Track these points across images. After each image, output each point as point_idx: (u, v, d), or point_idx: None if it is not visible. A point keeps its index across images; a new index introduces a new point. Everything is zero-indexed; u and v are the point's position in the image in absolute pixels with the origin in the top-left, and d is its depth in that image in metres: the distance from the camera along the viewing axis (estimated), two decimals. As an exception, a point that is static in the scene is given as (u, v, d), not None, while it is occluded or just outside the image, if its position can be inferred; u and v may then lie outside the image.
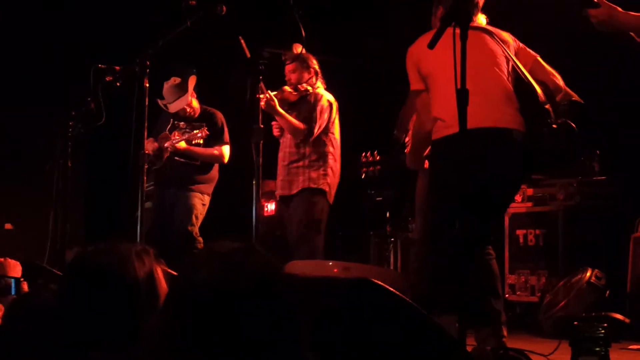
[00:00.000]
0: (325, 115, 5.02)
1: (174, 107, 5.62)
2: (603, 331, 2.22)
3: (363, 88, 6.68)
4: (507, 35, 3.87)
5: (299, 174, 5.01)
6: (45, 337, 1.71)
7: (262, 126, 3.90)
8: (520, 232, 5.38)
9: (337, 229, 6.21)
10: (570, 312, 4.59)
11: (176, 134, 5.58)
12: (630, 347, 3.98)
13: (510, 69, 3.76)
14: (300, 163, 5.02)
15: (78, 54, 6.51)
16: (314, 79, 5.10)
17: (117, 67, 4.45)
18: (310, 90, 5.07)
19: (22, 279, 2.96)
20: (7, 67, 6.69)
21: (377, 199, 6.35)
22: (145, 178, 4.22)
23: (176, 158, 5.59)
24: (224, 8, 4.05)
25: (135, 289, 1.66)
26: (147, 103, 4.31)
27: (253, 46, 4.19)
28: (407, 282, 3.30)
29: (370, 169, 4.46)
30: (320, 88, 5.11)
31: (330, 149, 5.04)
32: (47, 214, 5.09)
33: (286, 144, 5.13)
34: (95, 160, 7.27)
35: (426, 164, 3.94)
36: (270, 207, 6.54)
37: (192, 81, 5.57)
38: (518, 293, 5.29)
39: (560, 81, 3.94)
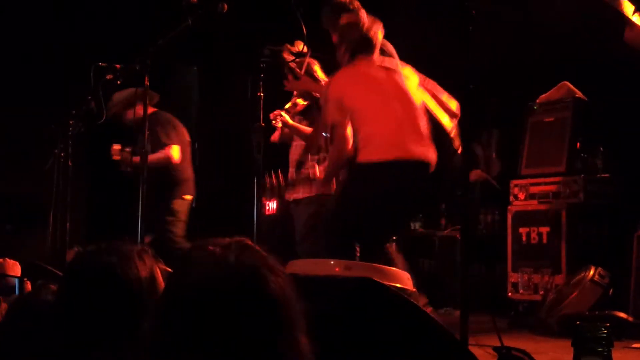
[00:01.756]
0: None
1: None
2: (606, 331, 2.20)
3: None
4: (408, 71, 4.21)
5: (305, 181, 4.96)
6: (46, 336, 1.70)
7: (263, 124, 3.89)
8: (523, 230, 5.36)
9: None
10: (574, 311, 4.57)
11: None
12: (633, 345, 3.96)
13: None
14: (309, 171, 4.96)
15: (78, 52, 6.50)
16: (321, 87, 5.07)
17: (118, 66, 4.44)
18: (312, 100, 5.01)
19: (25, 279, 2.95)
20: (7, 66, 6.68)
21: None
22: (146, 177, 4.21)
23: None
24: (225, 6, 4.04)
25: (137, 289, 1.65)
26: (147, 102, 4.30)
27: (254, 44, 4.17)
28: (410, 281, 3.28)
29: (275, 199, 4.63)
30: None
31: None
32: (47, 213, 5.08)
33: (296, 150, 5.10)
34: (95, 159, 7.26)
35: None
36: (272, 205, 6.53)
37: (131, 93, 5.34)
38: (521, 291, 5.27)
39: (453, 108, 4.25)
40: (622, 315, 4.35)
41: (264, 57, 4.09)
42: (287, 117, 4.91)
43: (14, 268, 2.85)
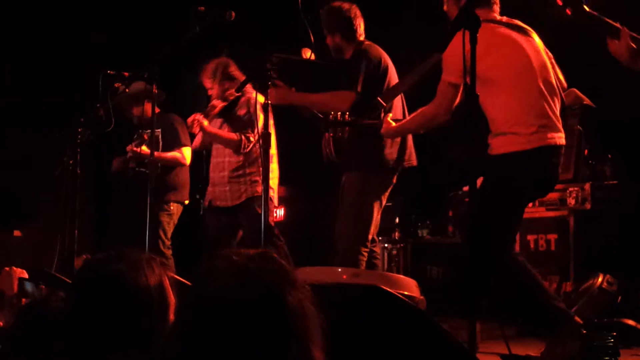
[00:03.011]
0: (261, 118, 4.93)
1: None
2: (612, 340, 2.20)
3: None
4: (535, 35, 3.84)
5: (240, 183, 4.95)
6: (55, 343, 1.70)
7: (269, 132, 3.89)
8: (531, 237, 5.34)
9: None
10: (582, 319, 4.55)
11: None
12: (643, 353, 3.95)
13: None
14: (241, 172, 4.96)
15: (87, 60, 6.52)
16: (235, 84, 4.94)
17: (126, 74, 4.46)
18: (239, 94, 4.97)
19: (41, 284, 2.96)
20: (17, 73, 6.71)
21: (387, 204, 6.33)
22: (153, 185, 4.22)
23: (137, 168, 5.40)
24: (233, 14, 4.05)
25: (146, 297, 1.66)
26: (156, 109, 4.32)
27: (261, 51, 4.18)
28: (417, 289, 3.27)
29: (338, 129, 4.35)
30: (250, 92, 4.96)
31: (270, 150, 4.98)
32: (55, 220, 5.10)
33: (221, 152, 5.04)
34: (104, 166, 7.28)
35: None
36: (280, 212, 6.54)
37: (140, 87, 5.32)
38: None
39: (564, 82, 3.92)
40: (631, 322, 4.32)
41: (272, 65, 4.09)
42: (204, 122, 4.87)
43: (22, 276, 2.85)
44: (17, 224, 6.60)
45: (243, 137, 4.90)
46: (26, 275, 2.82)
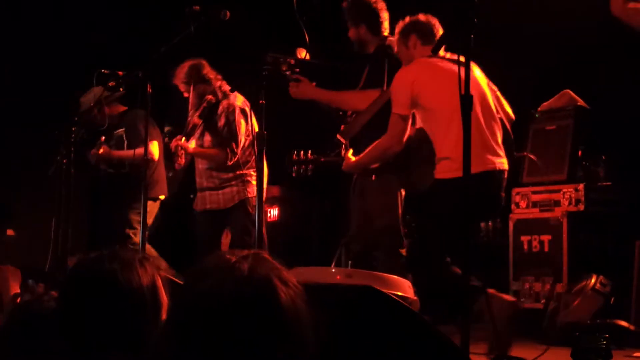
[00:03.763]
0: (242, 126, 4.90)
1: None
2: (605, 342, 2.21)
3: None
4: (475, 68, 4.03)
5: (232, 186, 4.95)
6: (47, 343, 1.70)
7: (265, 132, 3.89)
8: (524, 238, 5.35)
9: (339, 236, 6.19)
10: (575, 319, 4.56)
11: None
12: (635, 354, 3.96)
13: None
14: (231, 174, 4.96)
15: (81, 59, 6.51)
16: (210, 87, 4.95)
17: (120, 73, 4.46)
18: (214, 101, 4.94)
19: (39, 283, 2.95)
20: (11, 72, 6.69)
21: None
22: (147, 184, 4.22)
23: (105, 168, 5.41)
24: (228, 13, 4.05)
25: (139, 296, 1.66)
26: (149, 109, 4.31)
27: (256, 51, 4.18)
28: (411, 289, 3.28)
29: (302, 167, 4.39)
30: (227, 97, 4.95)
31: (251, 153, 4.95)
32: (49, 220, 5.08)
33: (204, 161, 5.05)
34: (97, 166, 7.26)
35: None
36: (274, 212, 6.54)
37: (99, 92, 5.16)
38: (522, 300, 5.26)
39: (511, 114, 4.17)
40: (624, 324, 4.34)
41: (266, 65, 4.09)
42: (189, 147, 4.87)
43: (15, 275, 2.85)
44: (10, 223, 6.58)
45: (228, 149, 4.89)
46: (19, 274, 2.81)
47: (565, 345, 3.92)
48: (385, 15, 4.49)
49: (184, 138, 4.89)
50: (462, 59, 2.89)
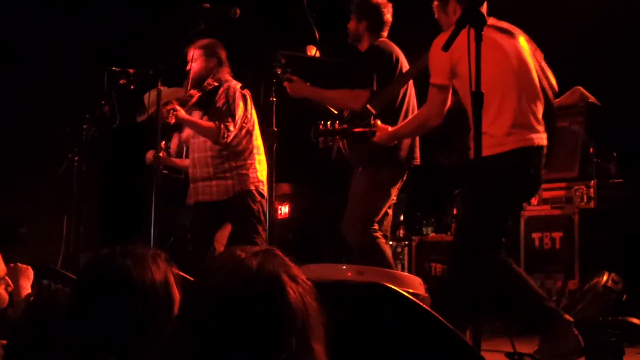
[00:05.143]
0: (241, 108, 4.81)
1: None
2: (617, 338, 2.20)
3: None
4: (522, 38, 3.82)
5: (227, 178, 4.85)
6: (61, 339, 1.71)
7: (275, 129, 3.89)
8: (536, 236, 5.34)
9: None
10: (587, 317, 4.55)
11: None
12: (648, 351, 3.94)
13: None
14: (226, 165, 4.84)
15: (92, 56, 6.53)
16: (218, 69, 4.90)
17: (131, 70, 4.46)
18: (217, 84, 4.86)
19: (58, 284, 2.96)
20: (22, 70, 6.72)
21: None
22: (159, 181, 4.22)
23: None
24: (238, 11, 4.05)
25: (152, 292, 1.66)
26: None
27: (266, 49, 4.18)
28: (422, 286, 3.27)
29: (329, 139, 4.29)
30: (229, 80, 4.89)
31: (255, 142, 4.90)
32: (61, 217, 5.10)
33: (202, 147, 4.91)
34: (109, 163, 7.29)
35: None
36: (284, 209, 6.54)
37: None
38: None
39: (555, 84, 3.90)
40: (636, 321, 4.32)
41: (277, 62, 4.09)
42: (182, 111, 4.71)
43: (27, 272, 2.86)
44: (22, 220, 6.61)
45: (222, 125, 4.71)
46: (31, 272, 2.82)
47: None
48: (388, 19, 4.47)
49: (177, 103, 4.80)
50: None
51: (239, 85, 4.82)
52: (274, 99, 3.92)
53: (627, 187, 5.23)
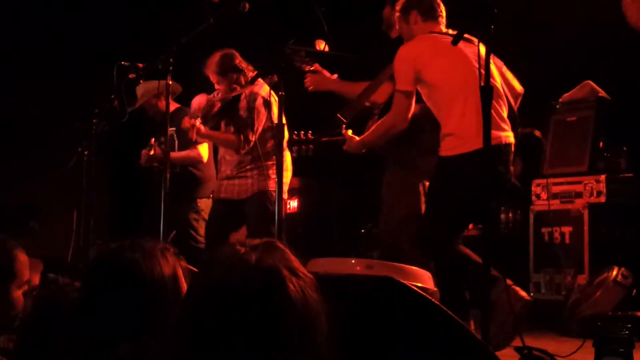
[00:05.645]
0: (262, 115, 4.85)
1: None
2: (627, 332, 2.20)
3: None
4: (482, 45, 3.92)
5: (247, 177, 4.89)
6: (70, 333, 1.71)
7: (283, 123, 3.89)
8: (545, 230, 5.32)
9: (359, 226, 6.19)
10: (596, 311, 4.54)
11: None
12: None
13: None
14: (248, 167, 4.90)
15: (101, 51, 6.54)
16: (240, 77, 4.92)
17: (140, 65, 4.47)
18: (240, 90, 4.90)
19: (65, 278, 2.97)
20: (32, 65, 6.74)
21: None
22: (168, 176, 4.23)
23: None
24: (247, 5, 4.05)
25: (161, 286, 1.67)
26: (169, 100, 4.33)
27: (275, 43, 4.18)
28: (431, 281, 3.27)
29: (303, 147, 4.35)
30: (252, 85, 4.89)
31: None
32: (71, 211, 5.12)
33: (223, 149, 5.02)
34: (118, 157, 7.31)
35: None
36: (293, 204, 6.55)
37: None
38: (543, 292, 5.24)
39: (519, 87, 4.07)
40: (646, 316, 4.31)
41: (285, 56, 4.09)
42: (202, 128, 4.80)
43: (37, 266, 2.87)
44: (32, 214, 6.64)
45: (242, 136, 4.82)
46: (41, 266, 2.83)
47: (586, 337, 3.90)
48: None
49: (199, 119, 4.86)
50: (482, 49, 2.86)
51: (264, 89, 4.85)
52: (283, 93, 3.91)
53: (637, 181, 5.21)
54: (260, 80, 4.89)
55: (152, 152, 5.21)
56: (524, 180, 5.84)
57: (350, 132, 4.17)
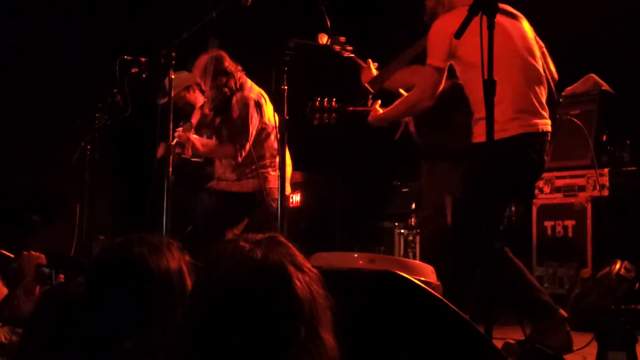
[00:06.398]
0: (255, 119, 4.84)
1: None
2: (629, 326, 2.20)
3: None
4: (525, 21, 3.75)
5: (248, 178, 4.91)
6: (76, 328, 1.71)
7: (287, 117, 3.88)
8: (548, 224, 5.32)
9: (362, 221, 6.20)
10: (599, 305, 4.54)
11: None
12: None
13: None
14: (248, 169, 4.91)
15: (104, 45, 6.54)
16: (229, 79, 4.89)
17: (143, 59, 4.46)
18: (229, 94, 4.88)
19: (60, 273, 2.96)
20: (33, 59, 6.74)
21: (403, 190, 6.33)
22: (171, 170, 4.23)
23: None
24: (249, -2, 4.04)
25: (168, 280, 1.67)
26: (172, 94, 4.32)
27: (278, 37, 4.17)
28: (434, 275, 3.27)
29: (325, 115, 4.20)
30: (242, 89, 4.89)
31: (268, 145, 4.90)
32: (74, 205, 5.12)
33: None
34: (122, 151, 7.32)
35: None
36: (296, 198, 6.55)
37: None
38: (546, 285, 5.24)
39: (555, 73, 3.84)
40: (649, 309, 4.31)
41: (288, 50, 4.08)
42: (196, 143, 4.78)
43: (39, 261, 2.87)
44: (35, 208, 6.65)
45: (238, 145, 4.82)
46: (44, 260, 2.83)
47: (588, 331, 3.91)
48: None
49: (192, 131, 4.86)
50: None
51: (254, 90, 4.83)
52: (286, 87, 3.91)
53: (641, 175, 5.21)
54: (249, 81, 4.89)
55: (187, 134, 5.10)
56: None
57: (378, 104, 3.95)
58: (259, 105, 4.86)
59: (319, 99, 4.17)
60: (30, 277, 2.72)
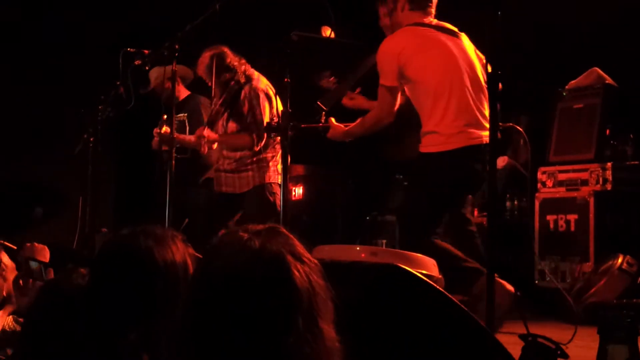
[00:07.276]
0: (267, 109, 4.84)
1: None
2: (631, 320, 2.20)
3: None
4: (465, 37, 3.93)
5: (248, 170, 4.90)
6: (78, 320, 1.71)
7: (290, 110, 3.88)
8: (550, 218, 5.32)
9: (364, 214, 6.20)
10: (601, 299, 4.54)
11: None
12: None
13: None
14: (249, 160, 4.90)
15: (107, 37, 6.54)
16: (234, 74, 4.89)
17: (146, 51, 4.46)
18: (237, 87, 4.87)
19: (49, 267, 2.96)
20: (38, 51, 6.74)
21: (405, 183, 6.32)
22: (173, 163, 4.23)
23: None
24: (253, -9, 4.03)
25: (173, 273, 1.67)
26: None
27: (281, 30, 4.17)
28: (436, 268, 3.27)
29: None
30: (250, 80, 4.89)
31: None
32: (76, 198, 5.13)
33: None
34: (124, 144, 7.32)
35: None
36: (298, 191, 6.55)
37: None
38: (548, 279, 5.24)
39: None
40: (651, 303, 4.31)
41: (291, 43, 4.07)
42: (211, 134, 4.80)
43: (43, 252, 2.88)
44: (38, 200, 6.66)
45: (255, 135, 4.82)
46: (47, 252, 2.83)
47: (590, 325, 3.91)
48: None
49: (206, 128, 4.86)
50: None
51: (262, 82, 4.83)
52: (288, 80, 3.90)
53: (644, 169, 5.20)
54: (256, 72, 4.89)
55: (162, 130, 5.14)
56: (530, 167, 5.84)
57: (334, 120, 4.15)
58: (268, 97, 4.87)
59: (272, 118, 4.40)
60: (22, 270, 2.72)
